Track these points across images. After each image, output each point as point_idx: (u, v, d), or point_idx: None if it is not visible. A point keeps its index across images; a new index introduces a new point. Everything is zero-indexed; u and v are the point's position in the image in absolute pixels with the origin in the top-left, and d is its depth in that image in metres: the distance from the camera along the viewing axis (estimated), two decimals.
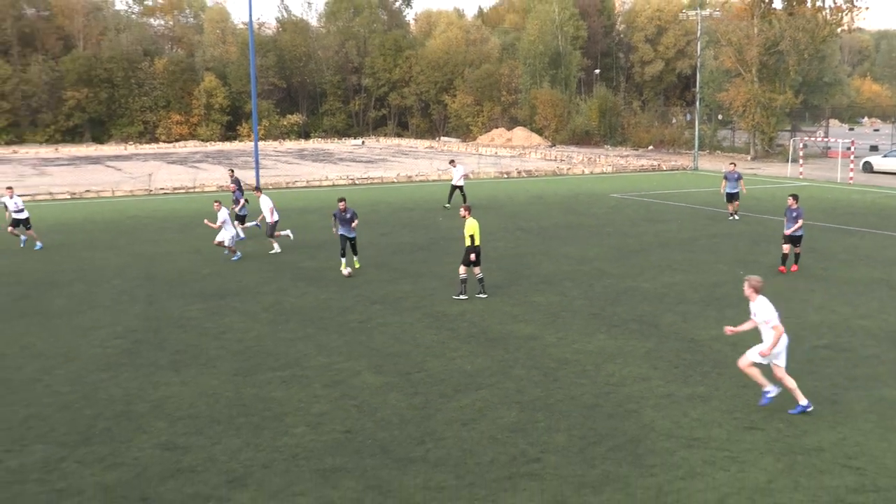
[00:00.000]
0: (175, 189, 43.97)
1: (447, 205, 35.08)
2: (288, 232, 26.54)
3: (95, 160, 65.63)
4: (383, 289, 20.62)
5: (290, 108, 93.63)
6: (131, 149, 79.40)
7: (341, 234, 22.52)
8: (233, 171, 35.80)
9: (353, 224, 22.31)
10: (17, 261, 24.88)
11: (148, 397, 13.26)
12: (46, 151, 76.59)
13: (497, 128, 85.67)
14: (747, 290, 12.28)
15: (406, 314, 18.19)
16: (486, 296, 19.47)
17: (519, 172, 53.09)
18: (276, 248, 25.72)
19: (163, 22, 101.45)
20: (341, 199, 22.69)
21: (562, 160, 62.68)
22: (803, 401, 12.17)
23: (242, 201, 27.91)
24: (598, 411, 12.42)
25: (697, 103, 59.86)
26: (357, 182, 48.06)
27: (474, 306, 18.68)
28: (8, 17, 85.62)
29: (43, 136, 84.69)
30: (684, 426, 11.80)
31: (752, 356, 12.18)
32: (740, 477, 10.23)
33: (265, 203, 25.60)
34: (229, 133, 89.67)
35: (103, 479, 10.40)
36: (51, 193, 42.02)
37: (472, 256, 19.01)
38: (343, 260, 22.39)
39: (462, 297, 19.20)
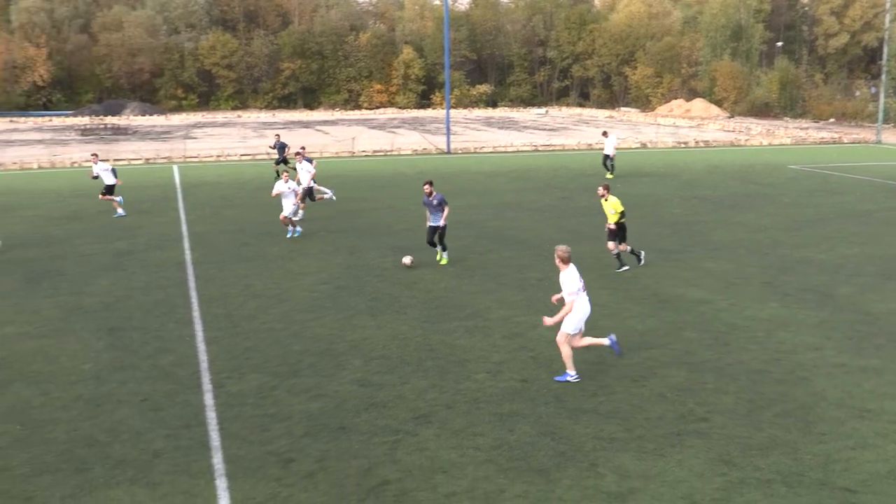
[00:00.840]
0: (374, 151, 45.21)
1: (612, 175, 34.09)
2: (331, 194, 26.72)
3: (306, 125, 68.42)
4: None
5: (479, 79, 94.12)
6: (337, 115, 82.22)
7: (429, 226, 18.69)
8: (279, 135, 35.29)
9: (444, 212, 18.33)
10: (240, 213, 26.39)
11: (347, 338, 13.81)
12: (265, 116, 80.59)
13: (676, 99, 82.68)
14: (556, 261, 11.69)
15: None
16: (628, 267, 18.34)
17: (696, 142, 51.11)
18: (325, 197, 26.18)
19: None
20: (427, 182, 18.53)
21: (740, 131, 59.75)
22: (572, 372, 11.61)
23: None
24: (768, 377, 11.87)
25: (884, 76, 55.41)
26: (539, 149, 47.75)
27: (646, 270, 18.22)
28: None
29: (262, 103, 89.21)
30: (856, 397, 11.10)
31: (564, 329, 11.59)
32: None
33: (305, 168, 25.28)
34: (423, 101, 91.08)
35: (308, 408, 10.94)
36: (268, 153, 44.19)
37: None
38: (438, 250, 19.11)
39: (625, 268, 18.17)
